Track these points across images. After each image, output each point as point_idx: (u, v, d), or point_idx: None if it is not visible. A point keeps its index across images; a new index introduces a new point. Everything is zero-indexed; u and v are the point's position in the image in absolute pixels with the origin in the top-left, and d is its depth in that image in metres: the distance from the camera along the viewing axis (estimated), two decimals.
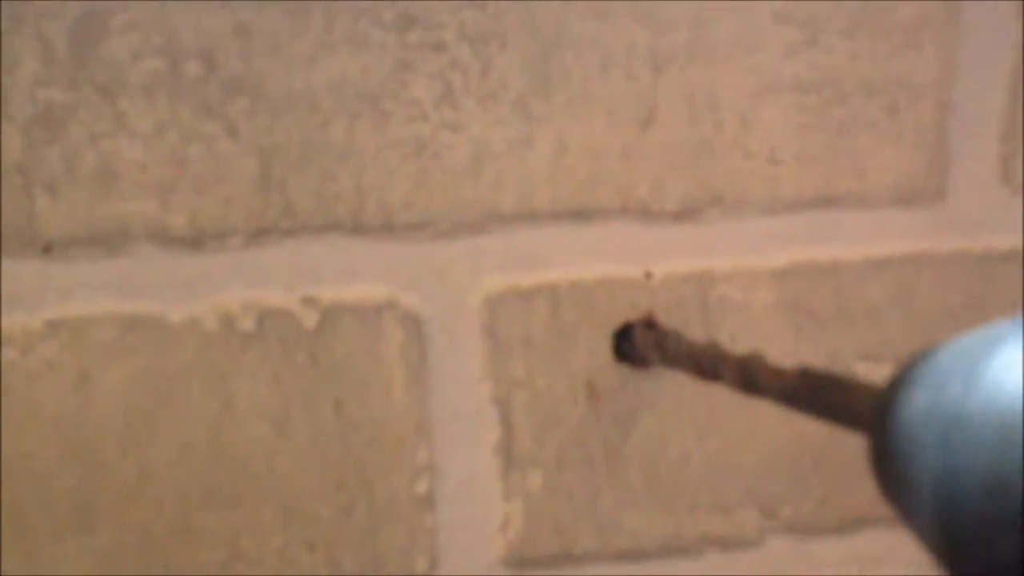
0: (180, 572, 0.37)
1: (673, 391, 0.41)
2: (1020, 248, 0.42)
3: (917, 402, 0.21)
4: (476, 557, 0.40)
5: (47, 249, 0.35)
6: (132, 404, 0.36)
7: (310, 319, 0.38)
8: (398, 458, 0.39)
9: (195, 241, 0.36)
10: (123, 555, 0.37)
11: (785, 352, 0.41)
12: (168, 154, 0.35)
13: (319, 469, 0.38)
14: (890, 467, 0.22)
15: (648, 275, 0.40)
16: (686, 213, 0.40)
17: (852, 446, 0.41)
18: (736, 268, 0.40)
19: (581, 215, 0.39)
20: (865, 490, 0.43)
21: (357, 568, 0.39)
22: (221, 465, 0.37)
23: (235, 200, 0.36)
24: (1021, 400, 0.19)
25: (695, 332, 0.40)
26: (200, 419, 0.37)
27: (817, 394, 0.28)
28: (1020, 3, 0.40)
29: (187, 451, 0.37)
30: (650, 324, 0.40)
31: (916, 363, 0.22)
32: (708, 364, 0.33)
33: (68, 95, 0.34)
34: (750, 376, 0.31)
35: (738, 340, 0.41)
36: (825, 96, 0.39)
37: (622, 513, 0.41)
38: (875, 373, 0.42)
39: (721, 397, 0.41)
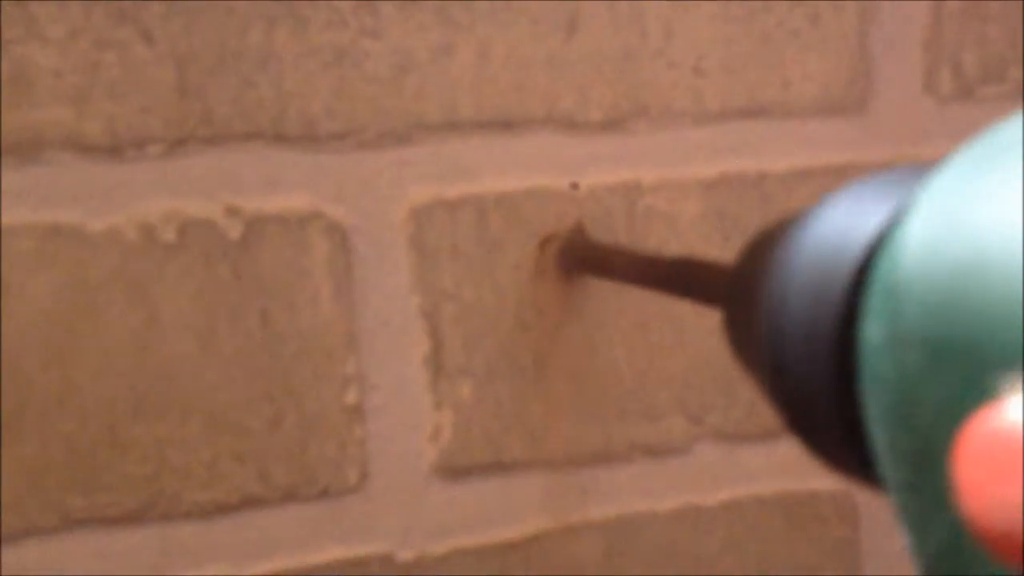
0: (108, 484, 0.38)
1: (600, 301, 0.41)
2: (944, 156, 0.42)
3: (766, 282, 0.22)
4: (407, 467, 0.41)
5: None
6: (53, 315, 0.36)
7: (234, 230, 0.37)
8: (326, 369, 0.39)
9: (113, 149, 0.36)
10: (49, 467, 0.37)
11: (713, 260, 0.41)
12: (82, 60, 0.35)
13: (246, 381, 0.38)
14: (738, 330, 0.23)
15: (574, 186, 0.40)
16: (612, 124, 0.40)
17: None
18: (663, 179, 0.41)
19: (506, 125, 0.39)
20: None
21: (287, 480, 0.40)
22: (146, 377, 0.37)
23: (153, 107, 0.36)
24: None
25: (622, 242, 0.41)
26: (123, 331, 0.37)
27: (679, 277, 0.29)
28: None
29: (111, 363, 0.37)
30: (577, 234, 0.40)
31: (756, 238, 0.24)
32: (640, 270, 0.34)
33: None
34: (640, 272, 0.32)
35: (665, 250, 0.41)
36: (749, 5, 0.40)
37: (552, 422, 0.42)
38: None
39: (649, 307, 0.41)
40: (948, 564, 0.17)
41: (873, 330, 0.18)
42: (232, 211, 0.37)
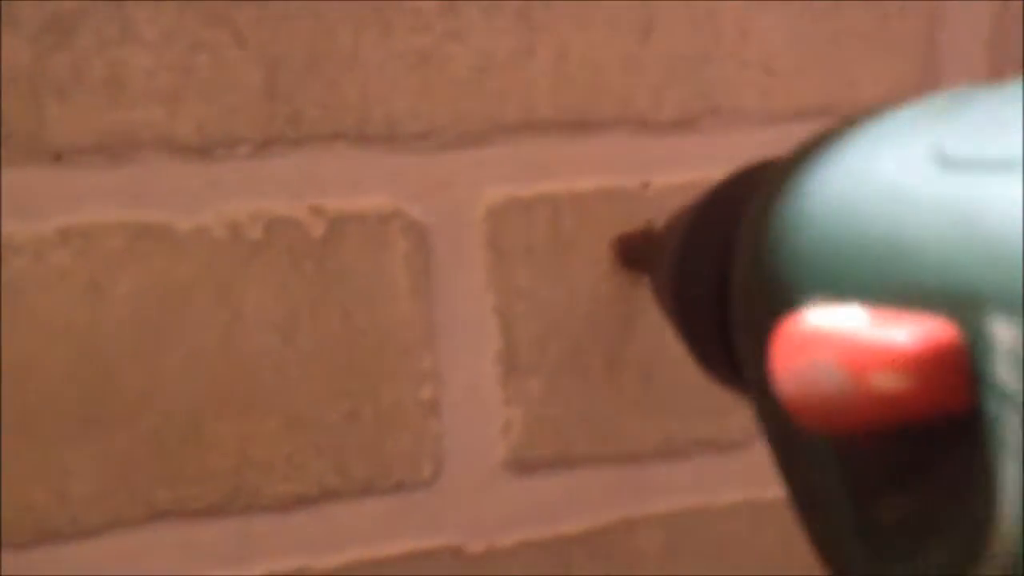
0: (191, 477, 0.38)
1: None
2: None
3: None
4: (479, 461, 0.41)
5: (57, 157, 0.35)
6: (142, 312, 0.37)
7: (317, 228, 0.38)
8: (403, 366, 0.40)
9: (203, 150, 0.36)
10: (134, 462, 0.38)
11: None
12: (175, 62, 0.35)
13: (326, 377, 0.39)
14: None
15: (645, 185, 0.41)
16: (684, 123, 0.41)
17: None
18: None
19: (581, 125, 0.40)
20: None
21: (364, 473, 0.40)
22: (230, 373, 0.38)
23: (242, 109, 0.36)
24: None
25: None
26: (209, 327, 0.38)
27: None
28: None
29: (197, 359, 0.38)
30: (648, 234, 0.41)
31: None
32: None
33: (77, 2, 0.34)
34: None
35: None
36: (819, 7, 0.40)
37: (618, 418, 0.43)
38: None
39: None
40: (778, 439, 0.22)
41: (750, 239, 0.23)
42: (316, 210, 0.38)
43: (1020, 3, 0.42)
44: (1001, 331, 0.16)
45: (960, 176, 0.18)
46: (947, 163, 0.18)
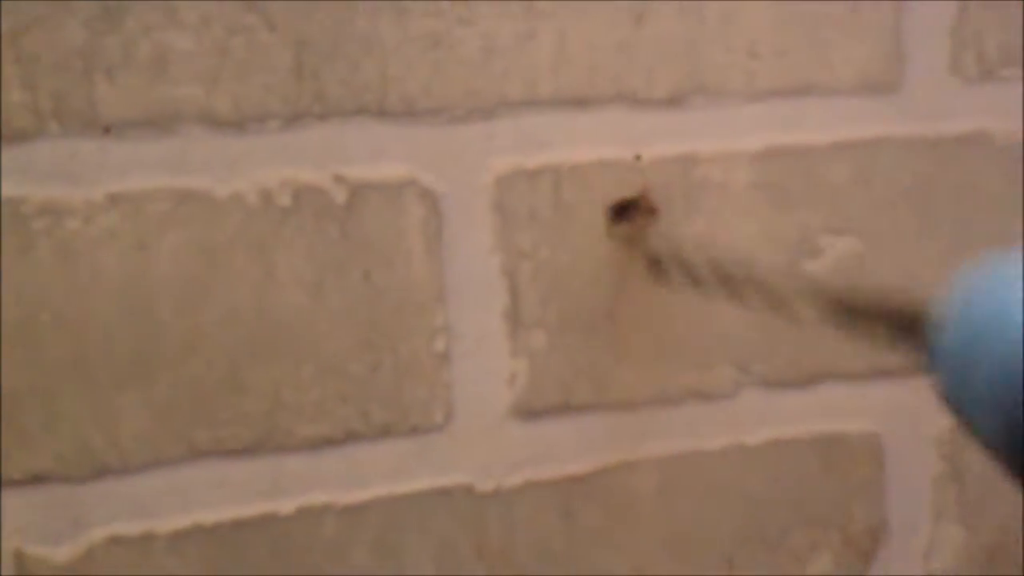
0: (228, 420, 0.42)
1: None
2: (967, 133, 0.47)
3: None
4: (487, 408, 0.46)
5: (107, 129, 0.39)
6: (184, 270, 0.41)
7: (340, 195, 0.42)
8: (419, 320, 0.44)
9: (238, 124, 0.40)
10: (177, 405, 0.42)
11: (760, 225, 0.46)
12: (213, 44, 0.39)
13: (350, 330, 0.43)
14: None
15: (638, 157, 0.45)
16: (673, 101, 0.44)
17: None
18: (717, 151, 0.45)
19: (580, 103, 0.44)
20: (826, 349, 0.49)
21: (384, 418, 0.44)
22: (264, 326, 0.42)
23: (273, 87, 0.40)
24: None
25: (679, 208, 0.45)
26: (245, 284, 0.42)
27: (859, 317, 0.33)
28: None
29: (234, 313, 0.42)
30: (643, 201, 0.45)
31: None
32: (733, 287, 0.39)
33: None
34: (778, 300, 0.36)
35: (719, 215, 0.46)
36: None
37: (616, 370, 0.47)
38: (838, 244, 0.47)
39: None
40: None
41: None
42: (339, 179, 0.42)
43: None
44: None
45: None
46: None
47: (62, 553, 0.42)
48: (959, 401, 0.27)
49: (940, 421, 0.51)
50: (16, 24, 0.38)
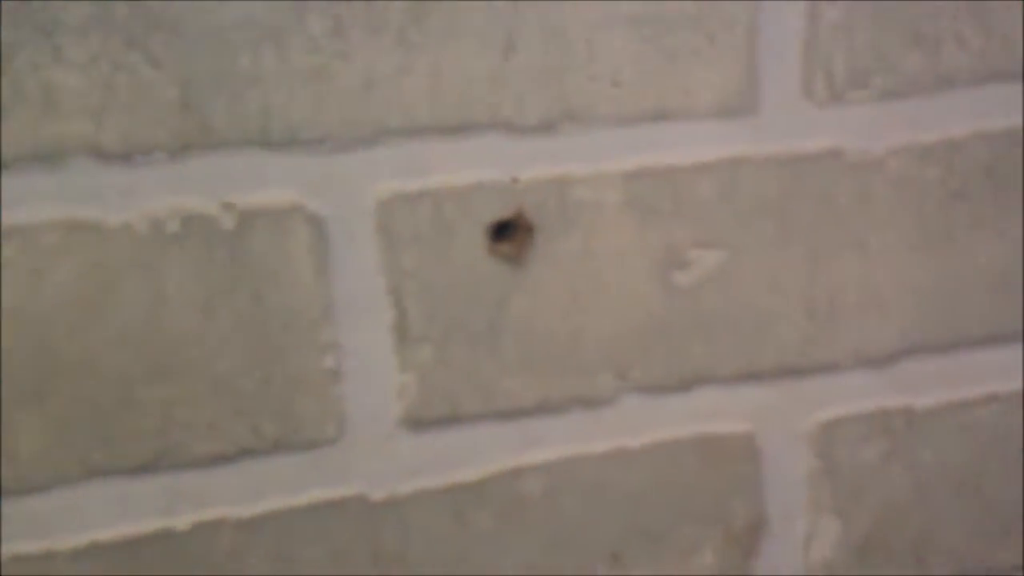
0: (124, 438, 0.44)
1: (538, 275, 0.49)
2: (820, 151, 0.51)
3: None
4: (378, 420, 0.48)
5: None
6: (78, 296, 0.43)
7: (229, 221, 0.44)
8: (308, 338, 0.46)
9: (126, 156, 0.42)
10: (73, 424, 0.44)
11: (632, 241, 0.49)
12: (100, 81, 0.41)
13: (241, 349, 0.45)
14: None
15: (515, 180, 0.48)
16: (546, 127, 0.47)
17: (688, 315, 0.50)
18: (588, 173, 0.48)
19: (457, 130, 0.46)
20: (700, 354, 0.52)
21: (276, 433, 0.47)
22: (156, 346, 0.44)
23: (159, 120, 0.42)
24: None
25: (556, 226, 0.48)
26: (136, 308, 0.44)
27: None
28: None
29: (126, 335, 0.44)
30: (520, 220, 0.47)
31: None
32: None
33: (12, 33, 0.40)
34: None
35: (593, 232, 0.49)
36: (655, 27, 0.47)
37: (501, 380, 0.49)
38: (706, 258, 0.51)
39: (580, 280, 0.49)
40: None
41: None
42: (227, 206, 0.44)
43: (830, 14, 0.50)
44: None
45: None
46: None
47: None
48: None
49: (811, 419, 0.54)
50: None
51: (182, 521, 0.45)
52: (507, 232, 0.48)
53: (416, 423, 0.48)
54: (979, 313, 0.54)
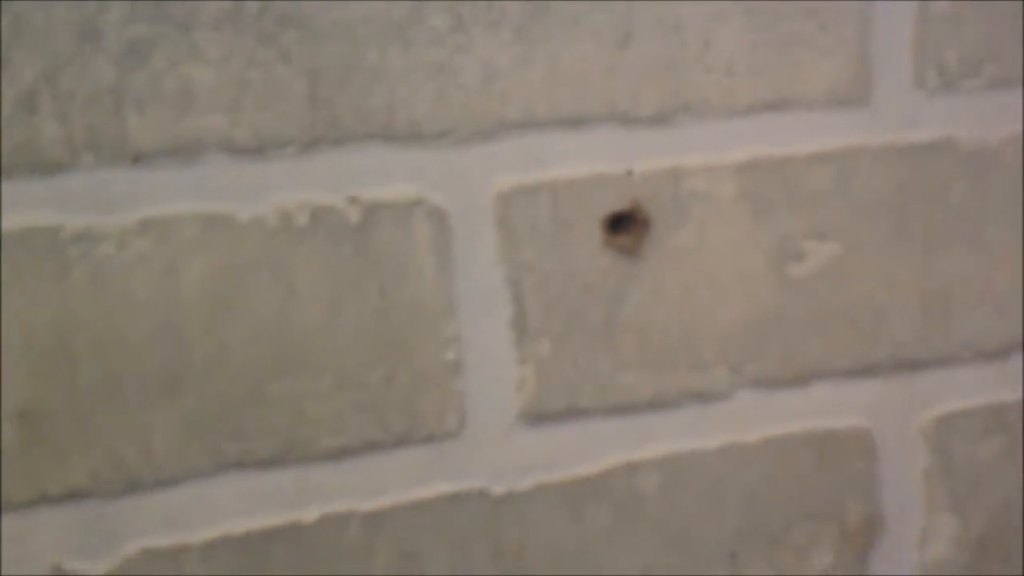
0: (253, 433, 0.45)
1: (655, 269, 0.49)
2: (934, 141, 0.51)
3: None
4: (497, 414, 0.48)
5: (136, 159, 0.42)
6: (211, 291, 0.43)
7: (354, 215, 0.45)
8: (431, 332, 0.46)
9: (258, 150, 0.43)
10: (205, 418, 0.44)
11: (746, 232, 0.49)
12: (234, 77, 0.42)
13: (366, 344, 0.46)
14: None
15: (630, 172, 0.48)
16: (660, 119, 0.48)
17: (802, 308, 0.50)
18: (702, 164, 0.49)
19: (573, 122, 0.47)
20: (815, 348, 0.52)
21: (400, 427, 0.47)
22: (286, 341, 0.45)
23: (289, 115, 0.43)
24: None
25: (670, 219, 0.48)
26: (267, 303, 0.44)
27: None
28: None
29: (257, 330, 0.44)
30: (636, 213, 0.48)
31: None
32: None
33: (151, 29, 0.41)
34: None
35: (707, 224, 0.49)
36: (770, 17, 0.48)
37: (617, 374, 0.49)
38: (820, 250, 0.50)
39: (695, 273, 0.49)
40: None
41: None
42: (352, 200, 0.45)
43: (940, 3, 0.50)
44: None
45: None
46: None
47: (99, 567, 0.43)
48: None
49: (926, 414, 0.54)
50: (51, 63, 0.41)
51: (310, 514, 0.46)
52: (623, 225, 0.48)
53: (534, 417, 0.48)
54: None
